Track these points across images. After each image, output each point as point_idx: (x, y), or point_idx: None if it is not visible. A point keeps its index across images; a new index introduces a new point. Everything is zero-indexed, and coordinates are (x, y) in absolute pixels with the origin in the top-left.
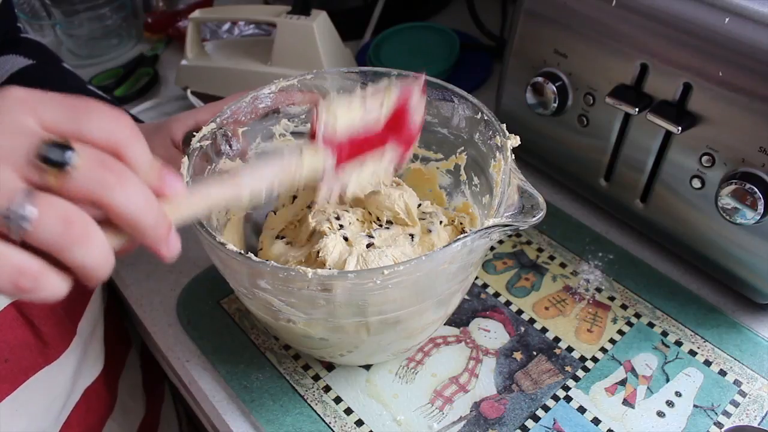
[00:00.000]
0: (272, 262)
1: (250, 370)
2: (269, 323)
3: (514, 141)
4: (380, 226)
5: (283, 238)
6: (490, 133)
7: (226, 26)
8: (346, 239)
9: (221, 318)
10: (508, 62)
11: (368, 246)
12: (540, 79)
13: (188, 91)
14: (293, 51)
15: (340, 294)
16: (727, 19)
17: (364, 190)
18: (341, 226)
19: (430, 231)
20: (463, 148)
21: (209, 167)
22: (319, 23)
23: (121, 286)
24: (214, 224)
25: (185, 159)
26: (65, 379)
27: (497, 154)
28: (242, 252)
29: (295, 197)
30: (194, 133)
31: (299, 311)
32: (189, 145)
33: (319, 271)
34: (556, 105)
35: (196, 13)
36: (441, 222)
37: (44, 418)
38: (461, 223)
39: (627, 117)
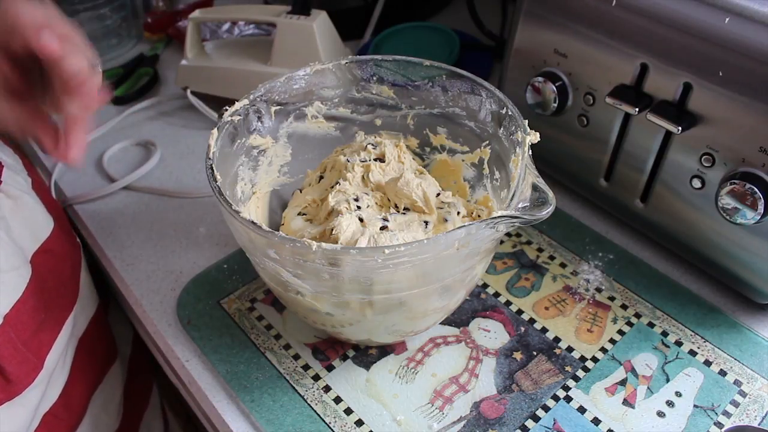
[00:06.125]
0: (281, 232)
1: (250, 370)
2: (281, 294)
3: (533, 137)
4: (397, 211)
5: (304, 215)
6: (513, 128)
7: (226, 26)
8: (361, 220)
9: (221, 318)
10: (508, 62)
11: (382, 228)
12: (540, 79)
13: (188, 91)
14: (293, 51)
15: (347, 270)
16: (727, 19)
17: (387, 176)
18: (359, 207)
19: (446, 220)
20: (488, 142)
21: (239, 141)
22: (319, 23)
23: (121, 286)
24: (238, 195)
25: (215, 131)
26: (27, 411)
27: (517, 149)
28: (253, 221)
29: (321, 177)
30: (227, 108)
31: (306, 284)
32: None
33: (323, 244)
34: (556, 105)
35: (196, 13)
36: (459, 213)
37: None
38: (479, 216)
39: (627, 117)
